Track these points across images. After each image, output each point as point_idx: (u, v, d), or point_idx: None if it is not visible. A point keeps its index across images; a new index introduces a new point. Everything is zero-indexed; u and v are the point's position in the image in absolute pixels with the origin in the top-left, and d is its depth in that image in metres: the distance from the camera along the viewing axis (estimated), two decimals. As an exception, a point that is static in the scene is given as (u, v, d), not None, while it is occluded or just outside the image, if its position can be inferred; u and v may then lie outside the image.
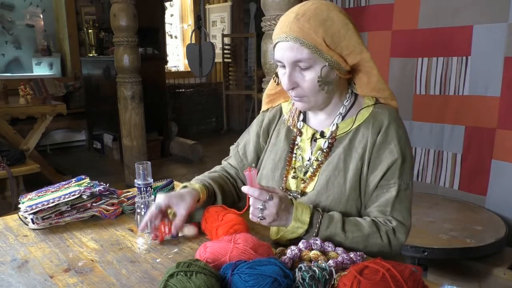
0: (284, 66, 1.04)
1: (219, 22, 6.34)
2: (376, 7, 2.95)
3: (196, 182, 1.16)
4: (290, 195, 1.10)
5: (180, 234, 1.06)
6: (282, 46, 1.01)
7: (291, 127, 1.18)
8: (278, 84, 1.13)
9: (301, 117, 1.17)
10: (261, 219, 0.95)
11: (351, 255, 0.89)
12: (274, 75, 1.13)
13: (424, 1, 2.71)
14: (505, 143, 2.47)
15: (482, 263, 2.11)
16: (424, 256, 1.96)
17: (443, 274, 2.16)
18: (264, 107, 1.28)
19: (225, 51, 6.09)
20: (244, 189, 0.95)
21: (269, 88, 1.24)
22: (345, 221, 1.00)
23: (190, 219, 1.09)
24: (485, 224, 2.24)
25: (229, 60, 6.16)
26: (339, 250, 0.93)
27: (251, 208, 0.96)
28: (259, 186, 0.95)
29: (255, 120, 1.29)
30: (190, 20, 6.54)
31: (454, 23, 2.60)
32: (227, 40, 6.17)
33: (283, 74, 1.05)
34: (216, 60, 5.33)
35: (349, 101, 1.11)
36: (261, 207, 0.94)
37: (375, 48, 3.01)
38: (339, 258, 0.87)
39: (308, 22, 0.97)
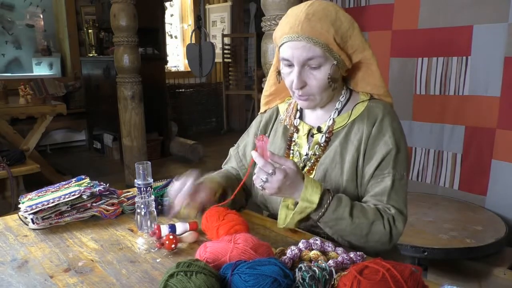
0: (290, 65, 1.05)
1: (219, 22, 6.33)
2: (376, 7, 2.94)
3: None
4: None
5: (179, 245, 1.04)
6: (293, 45, 1.01)
7: (288, 126, 1.20)
8: (279, 82, 1.15)
9: (298, 114, 1.19)
10: (262, 188, 0.97)
11: (351, 255, 0.89)
12: (275, 73, 1.14)
13: (424, 1, 2.71)
14: (505, 143, 2.47)
15: (482, 263, 2.11)
16: (424, 256, 1.96)
17: (443, 274, 2.16)
18: (262, 108, 1.31)
19: (225, 51, 6.09)
20: (253, 154, 0.96)
21: (265, 89, 1.26)
22: (353, 206, 1.01)
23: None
24: (485, 224, 2.24)
25: (229, 60, 6.16)
26: (339, 250, 0.93)
27: (255, 177, 0.98)
28: (269, 155, 0.96)
29: (253, 122, 1.32)
30: (190, 20, 6.54)
31: (454, 23, 2.60)
32: (227, 40, 6.17)
33: (288, 73, 1.06)
34: (216, 60, 5.33)
35: (344, 96, 1.13)
36: (264, 179, 0.95)
37: (375, 48, 2.97)
38: (339, 258, 0.87)
39: (320, 22, 0.99)
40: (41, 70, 5.29)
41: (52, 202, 1.12)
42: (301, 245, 0.92)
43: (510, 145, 2.45)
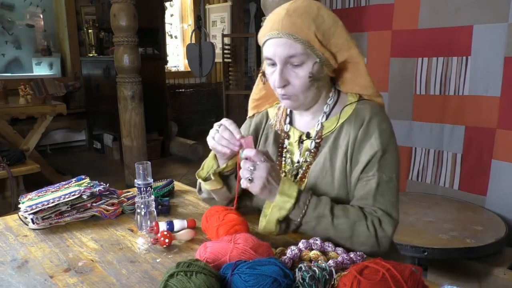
0: (273, 64, 1.03)
1: (219, 22, 6.33)
2: (376, 7, 2.94)
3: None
4: None
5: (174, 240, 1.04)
6: (274, 43, 1.00)
7: (279, 132, 1.17)
8: (264, 83, 1.13)
9: (288, 119, 1.17)
10: (250, 180, 0.96)
11: (351, 255, 0.89)
12: (260, 74, 1.12)
13: (424, 1, 2.71)
14: (505, 143, 2.47)
15: (482, 263, 2.11)
16: (424, 256, 1.96)
17: (443, 274, 2.16)
18: (250, 112, 1.27)
19: (225, 51, 6.09)
20: (244, 152, 0.97)
21: (254, 92, 1.23)
22: (334, 205, 0.99)
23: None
24: (485, 224, 2.24)
25: (229, 60, 6.16)
26: (339, 250, 0.93)
27: (241, 170, 0.97)
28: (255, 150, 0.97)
29: (242, 126, 1.28)
30: (190, 20, 6.54)
31: (454, 23, 2.60)
32: (227, 40, 6.17)
33: (271, 73, 1.04)
34: (216, 60, 5.33)
35: (332, 99, 1.11)
36: (252, 167, 0.95)
37: (375, 48, 3.01)
38: (339, 258, 0.87)
39: (301, 18, 0.98)
40: (41, 70, 5.29)
41: (52, 202, 1.12)
42: (301, 245, 0.92)
43: (510, 145, 2.45)
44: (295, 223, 1.01)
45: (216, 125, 1.06)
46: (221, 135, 1.03)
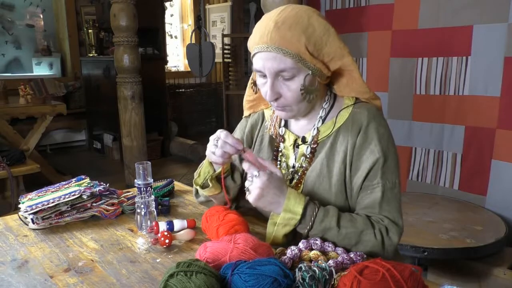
0: (264, 76, 1.00)
1: (219, 22, 6.33)
2: (376, 7, 2.94)
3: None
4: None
5: (174, 240, 1.04)
6: (263, 56, 0.97)
7: (273, 136, 1.16)
8: (256, 92, 1.12)
9: (283, 122, 1.15)
10: (248, 191, 0.96)
11: (351, 255, 0.89)
12: (251, 83, 1.11)
13: (424, 1, 2.71)
14: (505, 143, 2.47)
15: (482, 263, 2.11)
16: (424, 256, 1.96)
17: (443, 274, 2.16)
18: (245, 112, 1.26)
19: (225, 51, 6.09)
20: (245, 166, 0.98)
21: (247, 94, 1.22)
22: (341, 216, 0.97)
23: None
24: (485, 224, 2.24)
25: (229, 60, 6.16)
26: (339, 250, 0.93)
27: (246, 181, 0.98)
28: (259, 159, 0.98)
29: (238, 126, 1.28)
30: (190, 20, 6.54)
31: (454, 23, 2.60)
32: (227, 40, 6.17)
33: (263, 84, 1.02)
34: (216, 60, 5.33)
35: (328, 103, 1.09)
36: (250, 180, 0.95)
37: (375, 48, 3.01)
38: (339, 258, 0.87)
39: (290, 30, 0.93)
40: (41, 70, 5.29)
41: (52, 202, 1.12)
42: (301, 245, 0.92)
43: (510, 145, 2.45)
44: (303, 234, 1.00)
45: (212, 139, 1.04)
46: (223, 151, 1.01)
